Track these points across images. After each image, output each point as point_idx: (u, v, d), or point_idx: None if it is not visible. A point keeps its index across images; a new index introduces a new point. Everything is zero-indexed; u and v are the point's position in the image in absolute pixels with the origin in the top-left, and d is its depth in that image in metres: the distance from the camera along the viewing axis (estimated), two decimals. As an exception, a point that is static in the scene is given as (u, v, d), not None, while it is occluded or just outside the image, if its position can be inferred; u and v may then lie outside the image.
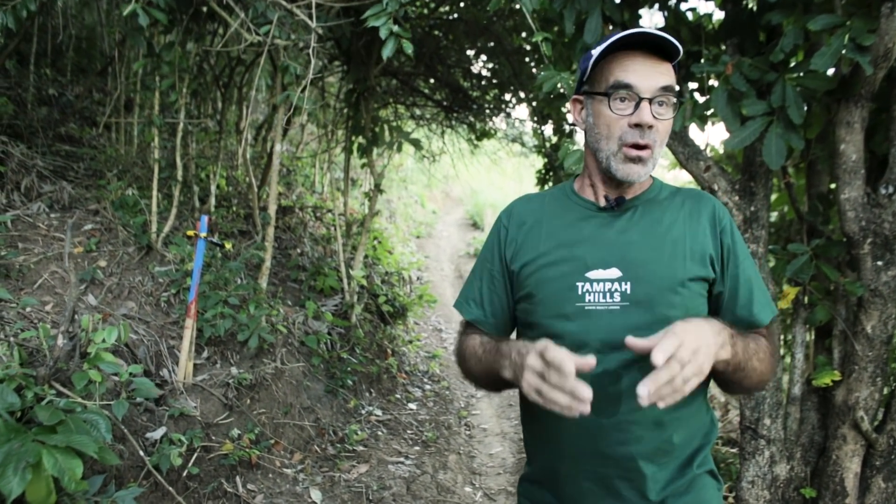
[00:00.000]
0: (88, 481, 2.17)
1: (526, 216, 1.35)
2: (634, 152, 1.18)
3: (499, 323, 1.38)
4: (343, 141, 5.64)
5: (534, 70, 5.35)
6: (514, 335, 1.43)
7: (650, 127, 1.16)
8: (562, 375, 0.98)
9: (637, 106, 1.16)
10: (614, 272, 1.19)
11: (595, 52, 1.20)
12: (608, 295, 1.18)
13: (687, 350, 0.97)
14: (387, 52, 2.38)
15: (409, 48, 2.39)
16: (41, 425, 1.99)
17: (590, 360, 0.99)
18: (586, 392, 0.97)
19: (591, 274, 1.20)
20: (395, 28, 2.34)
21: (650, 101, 1.16)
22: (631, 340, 1.01)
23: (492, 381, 1.27)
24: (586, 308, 1.19)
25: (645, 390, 0.94)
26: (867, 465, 2.48)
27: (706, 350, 1.00)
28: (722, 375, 1.15)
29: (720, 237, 1.24)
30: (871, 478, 2.47)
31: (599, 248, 1.22)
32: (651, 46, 1.18)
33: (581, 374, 1.19)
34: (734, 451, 3.90)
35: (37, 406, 2.08)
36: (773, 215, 3.64)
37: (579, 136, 5.23)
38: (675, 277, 1.18)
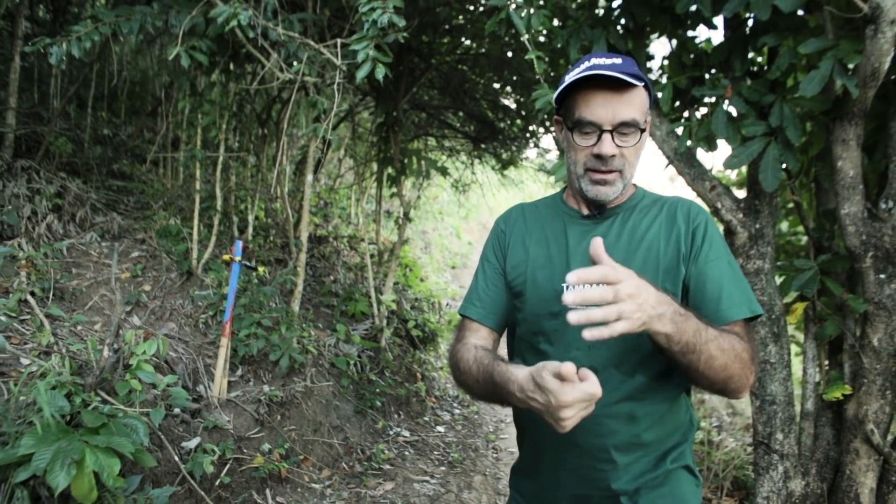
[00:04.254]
0: (127, 480, 2.36)
1: (520, 222, 1.49)
2: (599, 176, 1.29)
3: (497, 318, 1.45)
4: (375, 173, 5.89)
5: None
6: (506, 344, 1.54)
7: (613, 156, 1.27)
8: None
9: (599, 138, 1.26)
10: None
11: (560, 87, 1.30)
12: None
13: (624, 291, 0.99)
14: (361, 74, 2.55)
15: (381, 73, 2.52)
16: (86, 427, 2.20)
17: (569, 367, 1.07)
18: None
19: None
20: (372, 53, 2.52)
21: (612, 132, 1.25)
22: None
23: (495, 402, 1.30)
24: (569, 308, 1.30)
25: (573, 278, 1.00)
26: (883, 480, 2.47)
27: (642, 301, 1.01)
28: (667, 354, 1.13)
29: (692, 233, 1.31)
30: (887, 493, 2.46)
31: (581, 254, 1.35)
32: (613, 79, 1.24)
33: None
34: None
35: (83, 411, 2.29)
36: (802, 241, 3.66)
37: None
38: (647, 277, 1.28)
